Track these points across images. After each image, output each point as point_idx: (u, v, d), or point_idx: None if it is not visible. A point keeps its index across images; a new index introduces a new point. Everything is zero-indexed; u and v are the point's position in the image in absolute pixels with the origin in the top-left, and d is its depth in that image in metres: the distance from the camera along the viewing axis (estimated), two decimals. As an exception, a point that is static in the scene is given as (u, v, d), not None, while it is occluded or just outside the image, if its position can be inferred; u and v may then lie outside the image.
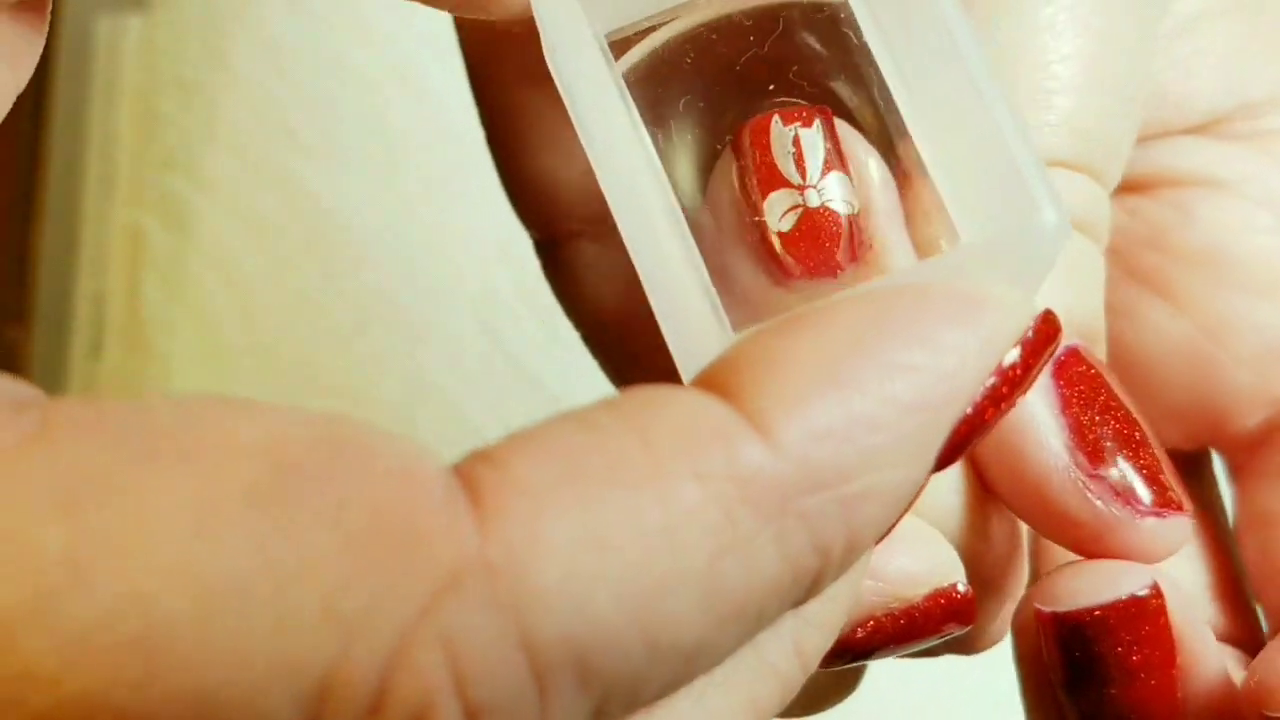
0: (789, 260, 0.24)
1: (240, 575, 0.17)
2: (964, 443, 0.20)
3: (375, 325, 0.53)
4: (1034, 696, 0.29)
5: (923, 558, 0.26)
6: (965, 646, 0.30)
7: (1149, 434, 0.28)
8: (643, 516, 0.18)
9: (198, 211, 0.54)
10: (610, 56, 0.23)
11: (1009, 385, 0.21)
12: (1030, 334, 0.21)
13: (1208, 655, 0.28)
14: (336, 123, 0.53)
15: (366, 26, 0.54)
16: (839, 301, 0.20)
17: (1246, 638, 0.32)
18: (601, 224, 0.28)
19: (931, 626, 0.26)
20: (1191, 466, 0.34)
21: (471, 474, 0.18)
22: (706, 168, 0.25)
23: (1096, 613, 0.27)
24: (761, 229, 0.24)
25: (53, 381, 0.54)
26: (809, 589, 0.19)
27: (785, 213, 0.24)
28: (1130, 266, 0.33)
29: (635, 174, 0.22)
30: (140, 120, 0.56)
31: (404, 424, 0.51)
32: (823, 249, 0.24)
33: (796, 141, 0.24)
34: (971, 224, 0.23)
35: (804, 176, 0.24)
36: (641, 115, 0.23)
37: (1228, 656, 0.31)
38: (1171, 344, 0.32)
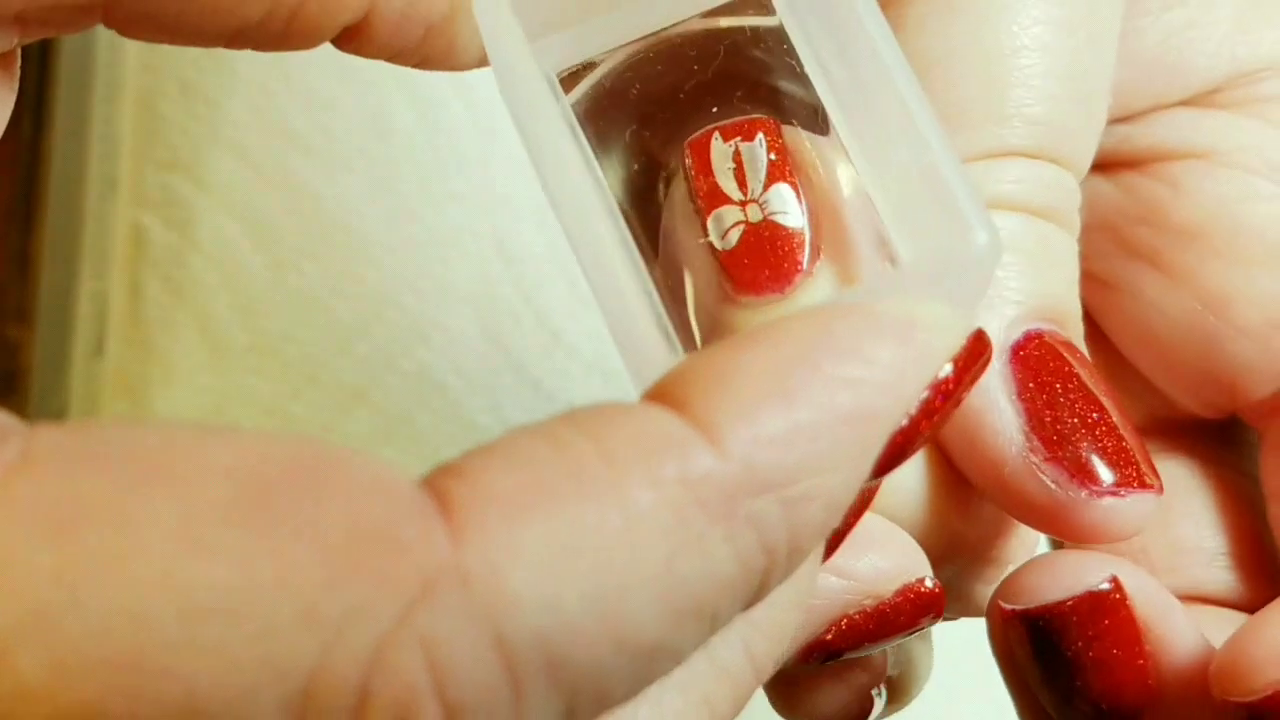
0: (733, 278, 0.25)
1: (223, 587, 0.17)
2: (901, 452, 0.21)
3: (376, 325, 0.53)
4: (1013, 687, 0.30)
5: (890, 555, 0.27)
6: (964, 609, 0.31)
7: (1113, 413, 0.28)
8: (604, 522, 0.19)
9: (199, 212, 0.54)
10: (561, 94, 0.24)
11: (942, 398, 0.22)
12: (963, 351, 0.22)
13: (1179, 639, 0.29)
14: (337, 123, 0.53)
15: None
16: (785, 320, 0.21)
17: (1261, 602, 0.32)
18: None
19: (904, 621, 0.27)
20: (1224, 433, 0.35)
21: (440, 487, 0.19)
22: (657, 191, 0.26)
23: (1056, 609, 0.28)
24: (708, 247, 0.25)
25: (55, 381, 0.54)
26: (758, 589, 0.20)
27: (728, 229, 0.25)
28: (1127, 242, 0.33)
29: (587, 202, 0.23)
30: (142, 121, 0.56)
31: (404, 424, 0.52)
32: (767, 263, 0.25)
33: (737, 156, 0.25)
34: (909, 245, 0.24)
35: (745, 191, 0.25)
36: (592, 145, 0.23)
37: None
38: (1174, 318, 0.33)
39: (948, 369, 0.22)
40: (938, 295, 0.22)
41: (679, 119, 0.25)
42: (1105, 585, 0.28)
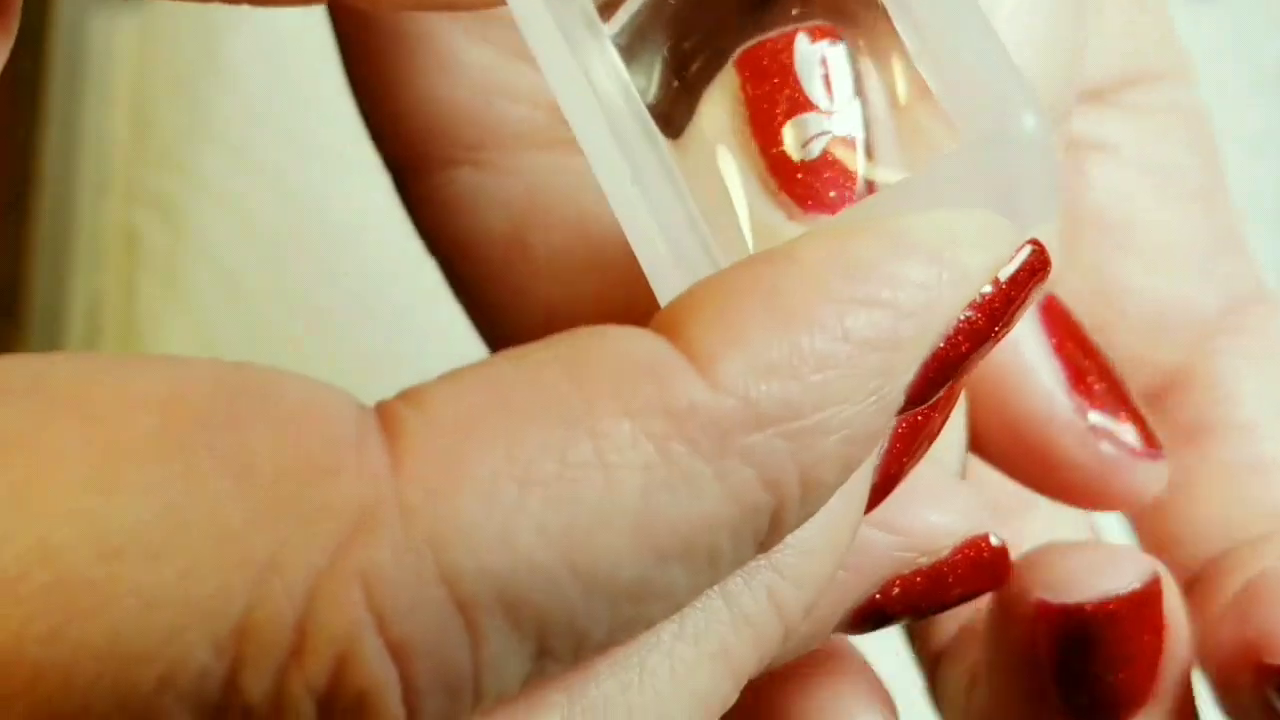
0: (803, 193, 0.22)
1: (142, 523, 0.16)
2: (938, 378, 0.20)
3: (373, 325, 0.53)
4: (1008, 683, 0.29)
5: (947, 509, 0.25)
6: None
7: (1120, 375, 0.28)
8: (569, 451, 0.17)
9: (192, 210, 0.54)
10: (593, 17, 0.21)
11: (988, 318, 0.20)
12: (1015, 264, 0.20)
13: (1185, 636, 0.28)
14: (331, 120, 0.53)
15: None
16: (800, 239, 0.19)
17: None
18: (484, 151, 0.27)
19: (963, 584, 0.25)
20: None
21: (391, 413, 0.18)
22: (691, 104, 0.23)
23: (1108, 604, 0.27)
24: (779, 159, 0.22)
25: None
26: (770, 528, 0.19)
27: (811, 139, 0.22)
28: None
29: (610, 114, 0.21)
30: (135, 119, 0.56)
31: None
32: (851, 180, 0.23)
33: (824, 63, 0.22)
34: (960, 131, 0.21)
35: (833, 100, 0.22)
36: (632, 64, 0.21)
37: None
38: (1072, 304, 0.32)
39: (987, 289, 0.20)
40: (980, 198, 0.20)
41: (724, 29, 0.23)
42: (1150, 580, 0.27)
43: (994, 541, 0.25)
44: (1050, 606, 0.27)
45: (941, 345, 0.19)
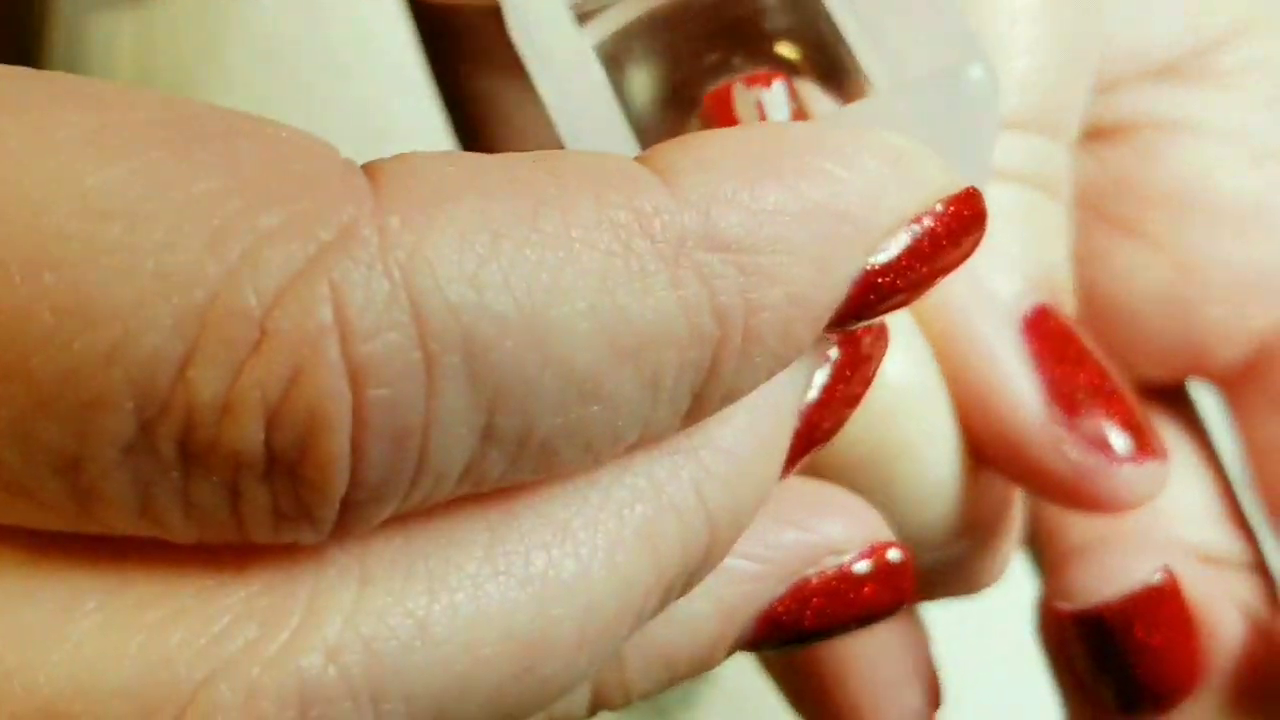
0: None
1: (130, 191, 0.17)
2: (879, 292, 0.20)
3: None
4: (1063, 679, 0.30)
5: (850, 522, 0.25)
6: (966, 586, 0.30)
7: (1120, 383, 0.28)
8: (540, 220, 0.18)
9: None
10: (578, 24, 0.24)
11: (931, 243, 0.20)
12: (954, 201, 0.21)
13: (1227, 619, 0.29)
14: (334, 122, 0.53)
15: (362, 22, 0.54)
16: (773, 122, 0.20)
17: (1255, 558, 0.33)
18: None
19: (870, 589, 0.25)
20: (1173, 394, 0.35)
21: (374, 165, 0.18)
22: (669, 121, 0.26)
23: (1115, 607, 0.28)
24: None
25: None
26: (708, 376, 0.19)
27: None
28: (1100, 212, 0.33)
29: (605, 136, 0.23)
30: (135, 120, 0.55)
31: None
32: None
33: (759, 106, 0.25)
34: (891, 73, 0.23)
35: None
36: (608, 75, 0.23)
37: (1243, 587, 0.32)
38: (1146, 285, 0.33)
39: (938, 210, 0.20)
40: (921, 137, 0.21)
41: (697, 55, 0.25)
42: (1159, 577, 0.28)
43: (894, 555, 0.26)
44: (1064, 613, 0.29)
45: (886, 258, 0.20)
